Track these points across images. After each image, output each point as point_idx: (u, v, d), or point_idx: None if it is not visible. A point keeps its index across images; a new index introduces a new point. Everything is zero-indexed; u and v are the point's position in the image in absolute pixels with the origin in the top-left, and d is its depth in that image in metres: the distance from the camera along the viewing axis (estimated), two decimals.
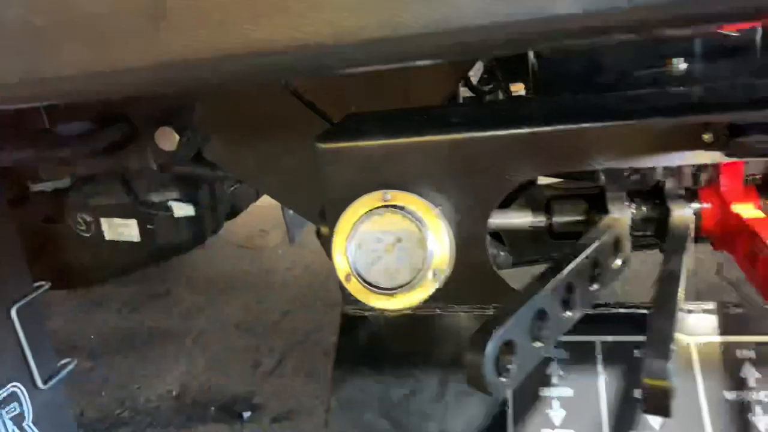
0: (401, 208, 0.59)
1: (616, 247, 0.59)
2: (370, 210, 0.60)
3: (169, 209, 1.52)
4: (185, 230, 1.59)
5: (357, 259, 0.60)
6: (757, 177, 0.62)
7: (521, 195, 0.68)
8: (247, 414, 1.79)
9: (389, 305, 0.60)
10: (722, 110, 0.53)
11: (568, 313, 0.50)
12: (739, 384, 0.55)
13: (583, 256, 0.51)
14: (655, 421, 0.56)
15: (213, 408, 1.84)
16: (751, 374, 0.56)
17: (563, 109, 0.60)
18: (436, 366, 0.50)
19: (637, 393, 0.57)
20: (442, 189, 0.60)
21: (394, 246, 0.60)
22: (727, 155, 0.52)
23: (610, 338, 0.60)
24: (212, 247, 2.66)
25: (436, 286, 0.59)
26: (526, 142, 0.57)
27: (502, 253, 0.71)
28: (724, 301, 0.59)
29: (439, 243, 0.59)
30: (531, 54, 0.97)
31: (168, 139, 1.39)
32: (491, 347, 0.41)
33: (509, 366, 0.43)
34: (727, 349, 0.57)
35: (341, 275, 0.61)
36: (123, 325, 2.34)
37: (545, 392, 0.60)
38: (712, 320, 0.58)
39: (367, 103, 1.42)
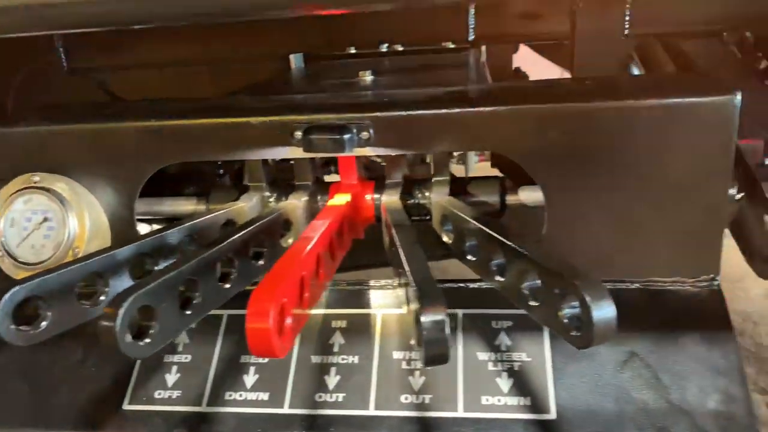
0: (47, 190, 0.66)
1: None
2: (17, 191, 0.67)
3: None
4: None
5: (7, 238, 0.67)
6: None
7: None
8: None
9: None
10: (307, 112, 0.62)
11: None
12: (326, 349, 0.65)
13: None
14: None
15: None
16: (336, 340, 0.65)
17: (194, 107, 0.68)
18: (83, 336, 0.57)
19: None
20: (92, 174, 0.68)
21: (41, 225, 0.67)
22: (304, 150, 0.62)
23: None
24: None
25: None
26: (149, 133, 0.65)
27: None
28: None
29: (80, 223, 0.67)
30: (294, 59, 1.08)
31: None
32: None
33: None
34: (322, 320, 0.66)
35: None
36: None
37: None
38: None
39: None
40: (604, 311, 0.41)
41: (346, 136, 0.60)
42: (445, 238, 0.63)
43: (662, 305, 0.63)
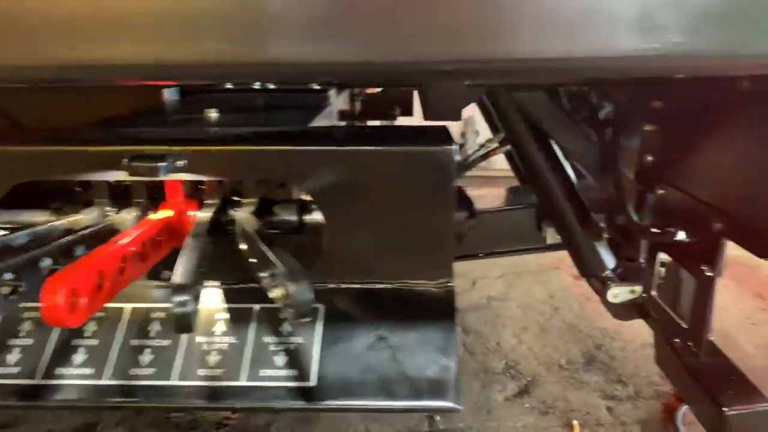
0: None
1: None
2: None
3: None
4: None
5: None
6: None
7: None
8: None
9: None
10: (133, 143, 0.81)
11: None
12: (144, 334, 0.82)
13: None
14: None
15: None
16: (154, 328, 0.83)
17: (47, 137, 0.86)
18: None
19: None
20: None
21: None
22: (129, 175, 0.80)
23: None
24: None
25: None
26: (5, 156, 0.82)
27: None
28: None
29: None
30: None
31: None
32: None
33: None
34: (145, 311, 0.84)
35: None
36: None
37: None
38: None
39: (70, 118, 1.65)
40: (302, 298, 0.61)
41: (161, 164, 0.78)
42: (243, 247, 0.82)
43: (409, 301, 0.84)
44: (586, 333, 2.33)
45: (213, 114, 1.03)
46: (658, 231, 1.34)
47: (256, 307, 0.84)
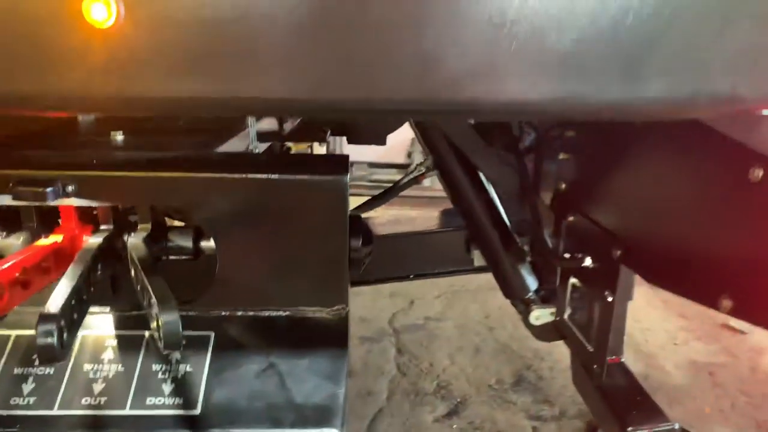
0: None
1: None
2: None
3: None
4: None
5: None
6: None
7: None
8: None
9: None
10: (20, 167, 0.80)
11: None
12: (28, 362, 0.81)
13: None
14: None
15: None
16: None
17: None
18: None
19: None
20: None
21: None
22: (13, 199, 0.79)
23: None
24: None
25: None
26: None
27: None
28: None
29: None
30: None
31: None
32: None
33: None
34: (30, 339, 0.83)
35: None
36: None
37: None
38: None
39: None
40: (171, 329, 0.62)
41: (48, 189, 0.78)
42: (132, 273, 0.82)
43: (302, 328, 0.85)
44: (518, 353, 2.39)
45: (118, 137, 1.03)
46: (568, 257, 1.40)
47: (146, 334, 0.84)
